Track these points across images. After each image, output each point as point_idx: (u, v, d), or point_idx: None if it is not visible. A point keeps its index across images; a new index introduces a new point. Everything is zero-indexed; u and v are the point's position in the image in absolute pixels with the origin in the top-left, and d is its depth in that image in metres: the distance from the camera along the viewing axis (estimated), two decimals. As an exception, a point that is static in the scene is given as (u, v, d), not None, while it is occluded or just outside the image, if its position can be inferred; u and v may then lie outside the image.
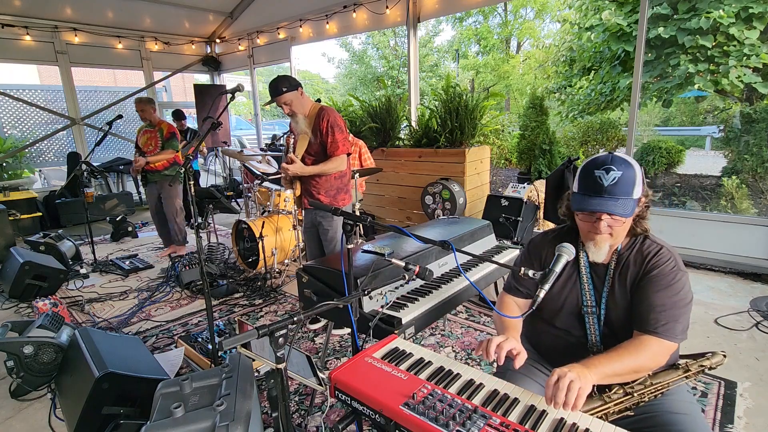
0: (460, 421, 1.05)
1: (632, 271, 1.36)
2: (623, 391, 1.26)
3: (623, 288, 1.37)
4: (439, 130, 4.97)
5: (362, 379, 1.24)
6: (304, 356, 1.73)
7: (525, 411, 1.13)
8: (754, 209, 5.99)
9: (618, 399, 1.26)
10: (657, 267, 1.31)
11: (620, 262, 1.39)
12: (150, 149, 4.53)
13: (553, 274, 1.25)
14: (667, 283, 1.29)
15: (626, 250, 1.39)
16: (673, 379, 1.29)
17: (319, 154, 2.88)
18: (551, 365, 1.54)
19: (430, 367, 1.33)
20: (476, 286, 1.56)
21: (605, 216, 1.28)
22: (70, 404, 2.15)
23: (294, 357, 1.75)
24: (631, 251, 1.38)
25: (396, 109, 5.57)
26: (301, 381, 1.78)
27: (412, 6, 5.61)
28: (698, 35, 6.96)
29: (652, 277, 1.31)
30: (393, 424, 1.11)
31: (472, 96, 4.95)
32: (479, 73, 17.32)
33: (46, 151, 8.24)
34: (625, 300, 1.37)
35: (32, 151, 7.97)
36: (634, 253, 1.37)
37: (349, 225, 1.67)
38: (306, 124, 2.87)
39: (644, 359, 1.25)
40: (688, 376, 1.30)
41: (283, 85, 2.73)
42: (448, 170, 4.88)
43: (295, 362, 1.76)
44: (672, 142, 7.99)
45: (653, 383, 1.27)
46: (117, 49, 7.63)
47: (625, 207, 1.26)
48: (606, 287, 1.39)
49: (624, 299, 1.37)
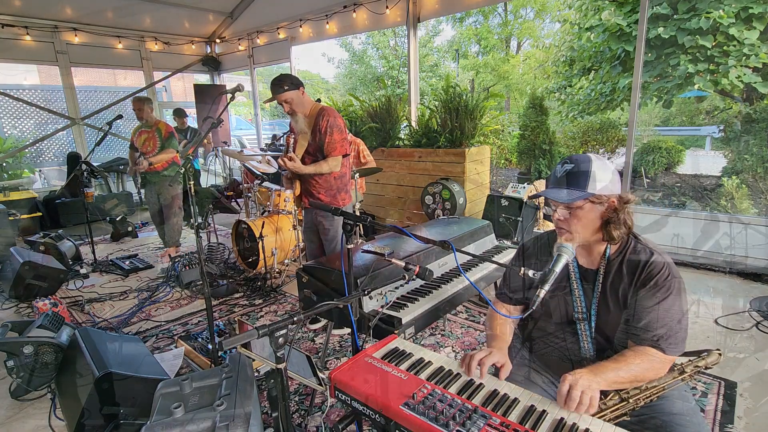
0: (460, 421, 1.05)
1: (625, 280, 1.35)
2: (619, 397, 1.26)
3: (615, 295, 1.37)
4: (439, 130, 4.97)
5: (362, 379, 1.24)
6: (304, 356, 1.73)
7: (525, 411, 1.13)
8: (754, 209, 6.00)
9: (614, 405, 1.26)
10: (651, 278, 1.30)
11: (610, 268, 1.38)
12: (149, 149, 4.53)
13: (553, 274, 1.25)
14: (664, 295, 1.28)
15: (616, 256, 1.38)
16: (668, 382, 1.29)
17: (318, 154, 2.89)
18: (547, 369, 1.54)
19: (430, 367, 1.33)
20: (476, 286, 1.56)
21: (560, 207, 1.34)
22: (70, 404, 2.15)
23: (294, 357, 1.75)
24: (621, 257, 1.37)
25: (396, 109, 5.57)
26: (301, 381, 1.78)
27: (412, 6, 5.61)
28: (698, 35, 6.96)
29: (648, 289, 1.30)
30: (393, 424, 1.11)
31: (472, 96, 4.95)
32: (479, 73, 17.33)
33: (46, 151, 8.24)
34: (617, 307, 1.36)
35: (32, 151, 7.97)
36: (626, 259, 1.36)
37: (349, 225, 1.67)
38: (306, 123, 2.87)
39: (647, 371, 1.25)
40: (684, 378, 1.30)
41: (285, 83, 2.73)
42: (448, 170, 4.88)
43: (295, 362, 1.76)
44: (672, 142, 7.99)
45: (649, 387, 1.27)
46: (117, 49, 7.63)
47: (570, 195, 1.29)
48: (596, 294, 1.39)
49: (616, 307, 1.37)
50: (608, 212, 1.32)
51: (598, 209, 1.32)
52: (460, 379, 1.28)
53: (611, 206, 1.32)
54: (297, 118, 2.84)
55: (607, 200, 1.31)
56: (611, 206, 1.32)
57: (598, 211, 1.32)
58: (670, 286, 1.28)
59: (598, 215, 1.32)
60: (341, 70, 20.40)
